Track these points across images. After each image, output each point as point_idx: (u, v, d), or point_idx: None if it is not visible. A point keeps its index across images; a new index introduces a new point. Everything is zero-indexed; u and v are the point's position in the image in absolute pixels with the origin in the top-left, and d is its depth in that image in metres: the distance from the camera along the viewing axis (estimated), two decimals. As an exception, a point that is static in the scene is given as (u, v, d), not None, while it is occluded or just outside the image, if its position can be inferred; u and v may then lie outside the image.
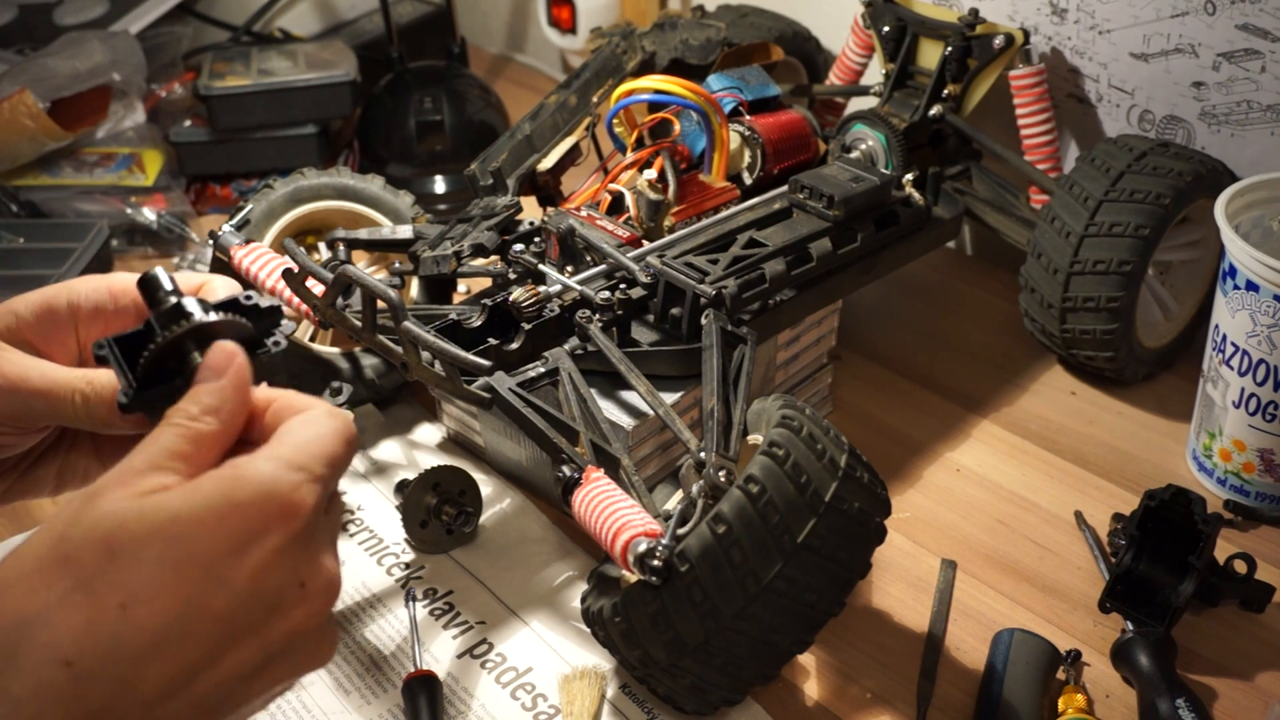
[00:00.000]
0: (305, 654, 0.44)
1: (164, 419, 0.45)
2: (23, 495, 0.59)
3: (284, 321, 0.53)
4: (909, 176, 0.92)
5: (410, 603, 0.77)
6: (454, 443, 0.92)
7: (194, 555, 0.40)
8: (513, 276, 0.85)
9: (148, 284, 0.49)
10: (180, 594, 0.40)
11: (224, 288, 0.54)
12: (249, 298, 0.51)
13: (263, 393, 0.48)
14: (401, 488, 0.83)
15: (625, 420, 0.78)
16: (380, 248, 0.92)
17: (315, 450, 0.44)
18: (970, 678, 0.73)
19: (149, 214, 1.15)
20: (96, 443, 0.59)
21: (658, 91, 0.89)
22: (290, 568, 0.42)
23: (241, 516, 0.41)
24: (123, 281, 0.56)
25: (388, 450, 0.91)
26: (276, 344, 0.51)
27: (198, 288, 0.54)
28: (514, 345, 0.78)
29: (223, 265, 0.87)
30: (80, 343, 0.56)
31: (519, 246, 0.85)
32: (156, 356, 0.47)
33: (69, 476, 0.59)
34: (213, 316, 0.48)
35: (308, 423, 0.46)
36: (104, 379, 0.52)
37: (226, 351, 0.46)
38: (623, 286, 0.82)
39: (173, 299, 0.48)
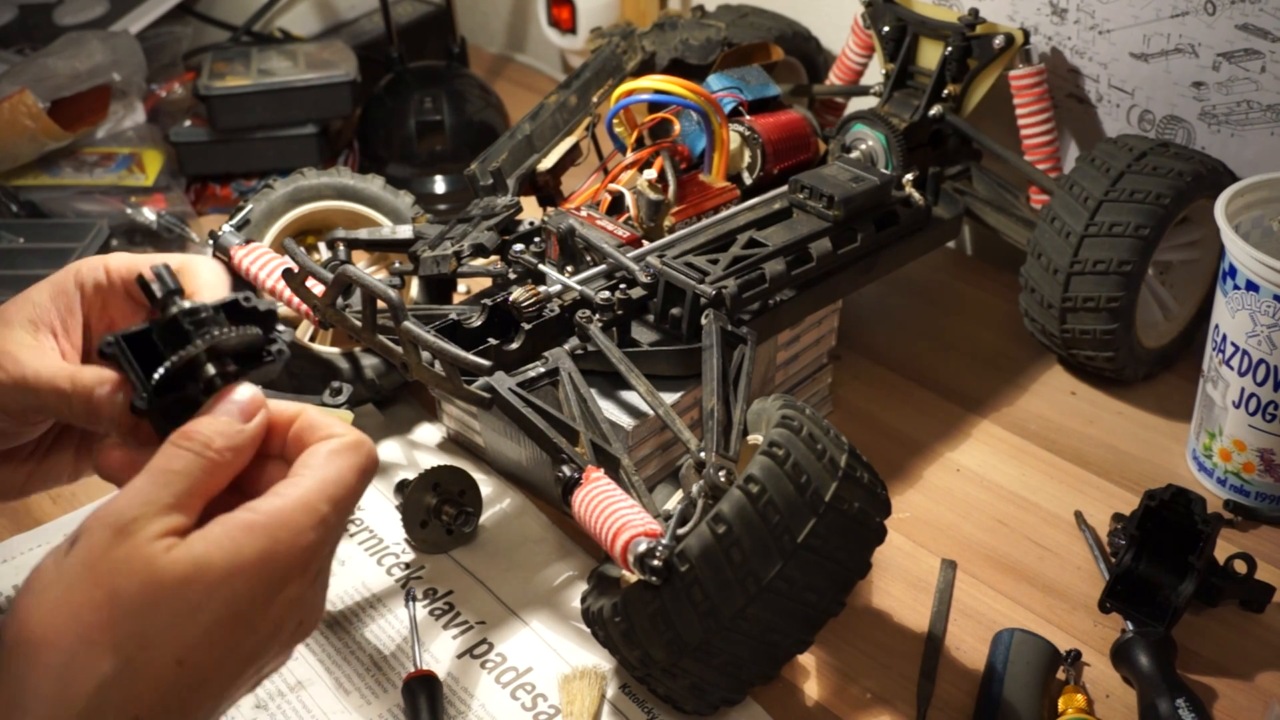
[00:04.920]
0: (281, 661, 0.50)
1: (181, 439, 0.47)
2: (43, 484, 0.62)
3: (282, 326, 0.53)
4: (909, 176, 0.92)
5: (410, 603, 0.77)
6: (454, 443, 0.92)
7: (236, 610, 0.45)
8: (513, 276, 0.85)
9: (148, 285, 0.50)
10: (223, 643, 0.45)
11: (208, 270, 0.56)
12: (248, 299, 0.52)
13: (286, 408, 0.50)
14: (401, 488, 0.83)
15: (625, 420, 0.78)
16: (380, 248, 0.92)
17: (337, 494, 0.47)
18: (970, 678, 0.73)
19: (149, 214, 1.15)
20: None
21: (658, 91, 0.89)
22: (298, 610, 0.47)
23: (275, 569, 0.45)
24: (119, 261, 0.57)
25: (388, 450, 0.91)
26: (281, 352, 0.52)
27: (180, 268, 0.56)
28: (514, 345, 0.78)
29: (223, 265, 0.87)
30: (85, 321, 0.58)
31: (519, 246, 0.85)
32: (175, 370, 0.48)
33: (85, 464, 0.62)
34: (230, 333, 0.49)
35: (331, 457, 0.48)
36: (87, 377, 0.52)
37: (254, 400, 0.49)
38: (623, 286, 0.82)
39: (176, 304, 0.49)
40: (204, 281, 0.55)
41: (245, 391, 0.49)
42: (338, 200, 0.93)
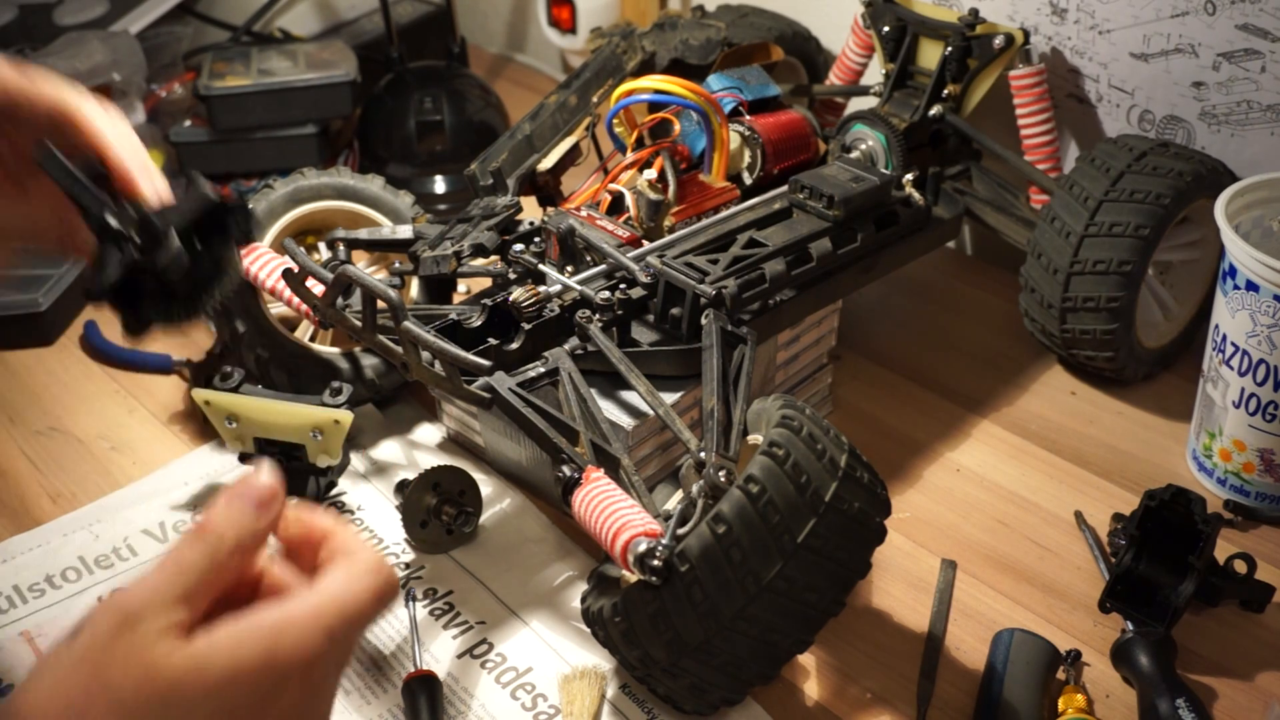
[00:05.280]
0: None
1: (198, 532, 0.47)
2: None
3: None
4: (909, 176, 0.92)
5: (410, 603, 0.77)
6: (454, 443, 0.92)
7: (234, 711, 0.44)
8: (513, 276, 0.85)
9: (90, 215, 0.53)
10: None
11: (100, 121, 0.60)
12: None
13: (323, 523, 0.50)
14: (401, 488, 0.83)
15: (625, 420, 0.78)
16: (380, 248, 0.92)
17: (349, 611, 0.47)
18: (970, 678, 0.73)
19: (149, 214, 1.15)
20: None
21: (658, 91, 0.89)
22: (298, 714, 0.47)
23: (273, 676, 0.45)
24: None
25: (388, 450, 0.91)
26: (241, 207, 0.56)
27: (81, 128, 0.60)
28: (514, 345, 0.78)
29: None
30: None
31: (519, 246, 0.85)
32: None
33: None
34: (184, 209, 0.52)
35: (352, 579, 0.48)
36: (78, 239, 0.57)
37: (270, 490, 0.48)
38: (623, 286, 0.82)
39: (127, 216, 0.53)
40: (108, 140, 0.58)
41: (266, 478, 0.48)
42: (338, 200, 0.93)
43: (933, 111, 0.99)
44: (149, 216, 0.54)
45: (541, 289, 0.80)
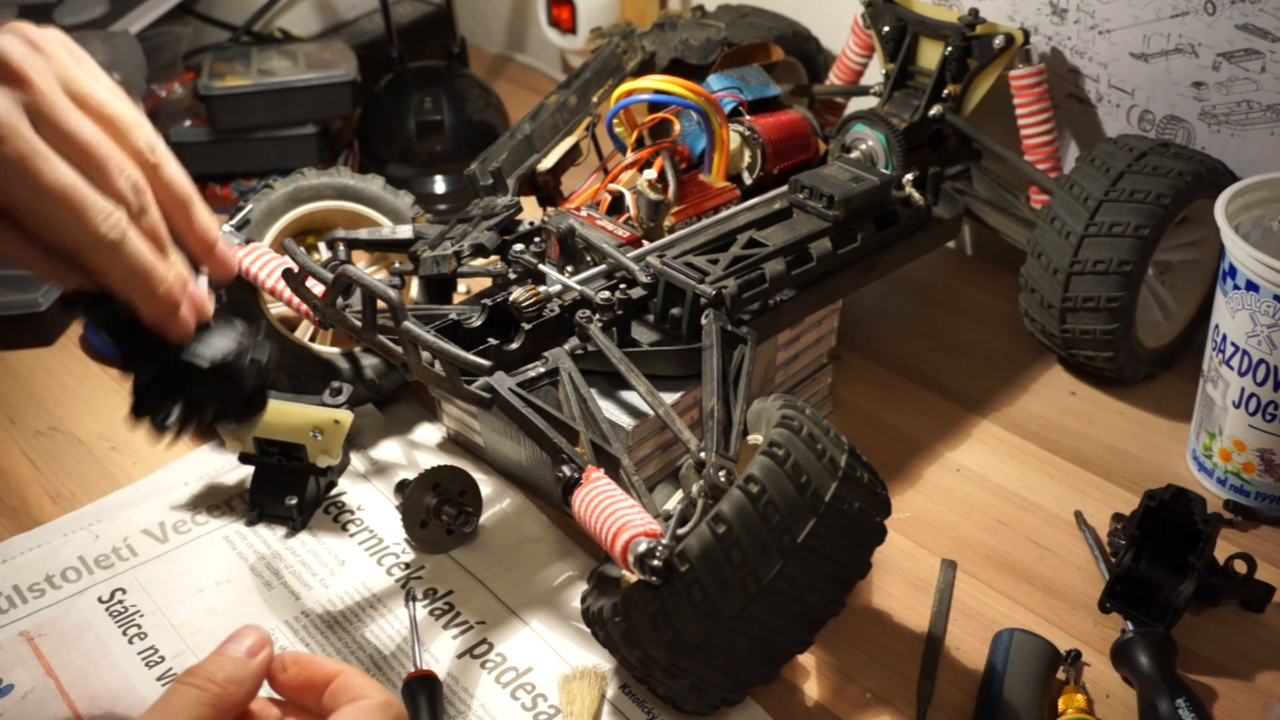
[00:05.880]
0: None
1: (186, 677, 0.48)
2: None
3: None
4: (909, 176, 0.92)
5: (410, 603, 0.77)
6: (454, 443, 0.92)
7: None
8: (513, 276, 0.85)
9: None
10: None
11: None
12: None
13: (327, 666, 0.51)
14: (401, 488, 0.83)
15: (625, 420, 0.78)
16: (380, 248, 0.92)
17: None
18: (970, 678, 0.73)
19: (149, 214, 1.15)
20: None
21: (658, 91, 0.89)
22: None
23: None
24: None
25: (388, 450, 0.91)
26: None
27: None
28: (514, 345, 0.78)
29: None
30: None
31: (519, 246, 0.85)
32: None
33: None
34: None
35: (358, 716, 0.49)
36: None
37: (259, 640, 0.50)
38: (623, 286, 0.82)
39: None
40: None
41: (251, 634, 0.50)
42: (338, 200, 0.93)
43: (933, 111, 0.99)
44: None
45: (541, 289, 0.80)
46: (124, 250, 0.52)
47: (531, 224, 0.89)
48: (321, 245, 0.93)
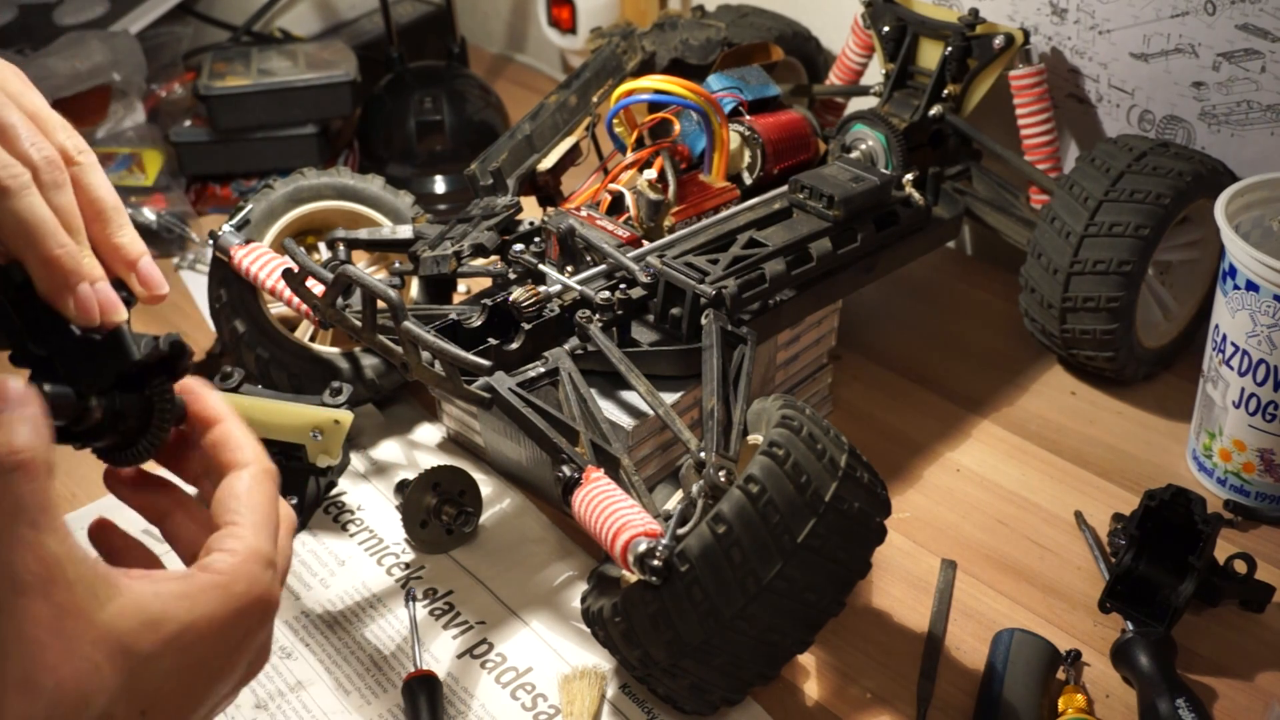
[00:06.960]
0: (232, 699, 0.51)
1: None
2: None
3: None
4: (909, 176, 0.92)
5: (410, 603, 0.77)
6: (454, 443, 0.92)
7: (200, 660, 0.45)
8: (513, 276, 0.85)
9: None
10: (187, 691, 0.46)
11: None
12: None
13: (214, 406, 0.52)
14: (401, 488, 0.83)
15: (625, 420, 0.78)
16: (380, 248, 0.92)
17: (270, 528, 0.49)
18: (970, 678, 0.73)
19: (149, 214, 1.15)
20: None
21: (658, 91, 0.89)
22: (258, 650, 0.50)
23: (238, 621, 0.47)
24: None
25: (388, 450, 0.91)
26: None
27: None
28: (514, 345, 0.78)
29: (223, 265, 0.87)
30: None
31: (519, 246, 0.85)
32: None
33: None
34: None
35: (252, 491, 0.50)
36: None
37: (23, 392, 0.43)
38: (623, 286, 0.82)
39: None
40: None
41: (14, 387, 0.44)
42: (338, 200, 0.93)
43: (933, 111, 0.99)
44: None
45: (541, 289, 0.80)
46: (19, 199, 0.47)
47: (531, 224, 0.89)
48: (321, 245, 0.93)
